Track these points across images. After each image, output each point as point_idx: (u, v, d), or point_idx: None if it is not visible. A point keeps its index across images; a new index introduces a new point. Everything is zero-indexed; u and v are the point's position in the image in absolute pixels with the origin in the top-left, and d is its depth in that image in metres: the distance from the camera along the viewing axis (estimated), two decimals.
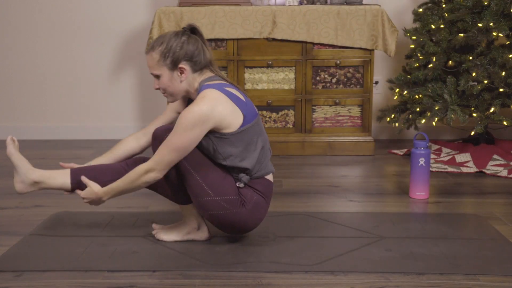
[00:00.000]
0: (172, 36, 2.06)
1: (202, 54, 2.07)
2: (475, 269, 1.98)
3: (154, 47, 2.06)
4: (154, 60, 2.06)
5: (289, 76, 3.68)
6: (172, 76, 2.06)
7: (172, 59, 2.04)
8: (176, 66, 2.05)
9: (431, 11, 3.64)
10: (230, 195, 2.06)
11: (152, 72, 2.08)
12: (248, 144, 2.06)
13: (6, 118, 4.26)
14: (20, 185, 2.21)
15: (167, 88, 2.09)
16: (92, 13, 4.14)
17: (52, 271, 1.99)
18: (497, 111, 3.32)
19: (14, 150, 2.20)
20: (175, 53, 2.04)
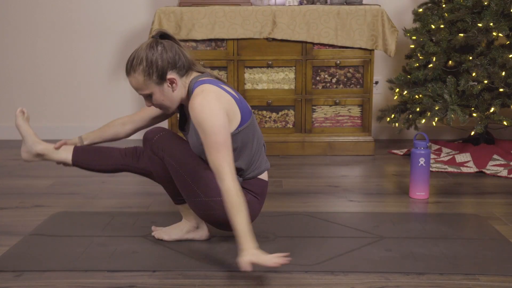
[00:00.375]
0: (148, 50, 1.95)
1: (182, 56, 1.99)
2: (475, 269, 1.98)
3: (134, 68, 1.96)
4: (139, 81, 1.97)
5: (289, 76, 3.68)
6: (163, 89, 1.98)
7: (157, 74, 1.95)
8: (164, 78, 1.96)
9: (431, 11, 3.64)
10: (219, 196, 2.03)
11: (141, 93, 2.01)
12: (243, 145, 2.03)
13: (6, 118, 4.26)
14: (26, 155, 2.26)
15: (163, 103, 2.02)
16: (92, 13, 4.14)
17: (52, 271, 1.99)
18: (497, 111, 3.32)
19: (23, 121, 2.25)
20: (158, 67, 1.94)
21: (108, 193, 2.90)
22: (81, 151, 2.23)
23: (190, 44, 3.65)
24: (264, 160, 2.14)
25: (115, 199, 2.80)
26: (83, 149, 2.24)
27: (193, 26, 3.58)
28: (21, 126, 2.25)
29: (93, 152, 2.23)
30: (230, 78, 3.67)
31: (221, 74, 3.68)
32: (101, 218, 2.51)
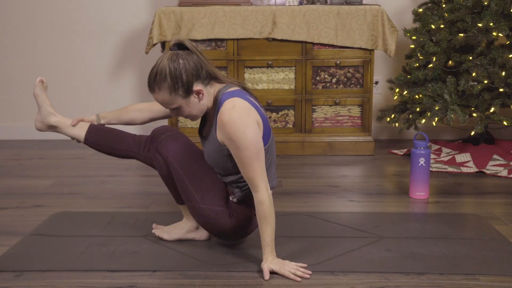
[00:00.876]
0: (170, 64, 1.89)
1: (204, 65, 1.94)
2: (475, 269, 1.98)
3: (158, 85, 1.90)
4: (165, 98, 1.92)
5: (289, 76, 3.68)
6: (190, 101, 1.94)
7: (183, 88, 1.90)
8: (190, 91, 1.92)
9: (431, 11, 3.64)
10: (218, 206, 2.03)
11: (169, 108, 1.97)
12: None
13: (6, 118, 4.26)
14: (39, 124, 2.26)
15: (191, 113, 1.98)
16: (92, 13, 4.14)
17: (52, 271, 1.99)
18: (497, 111, 3.32)
19: (41, 91, 2.24)
20: (183, 81, 1.89)
21: (108, 193, 2.90)
22: (95, 130, 2.22)
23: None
24: (273, 177, 2.10)
25: (115, 199, 2.80)
26: (98, 128, 2.23)
27: (193, 26, 3.58)
28: (39, 95, 2.24)
29: (107, 134, 2.22)
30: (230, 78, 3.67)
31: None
32: (101, 218, 2.51)
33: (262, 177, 1.91)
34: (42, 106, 2.24)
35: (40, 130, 2.28)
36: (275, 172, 2.11)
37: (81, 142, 2.25)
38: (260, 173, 1.90)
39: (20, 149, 3.92)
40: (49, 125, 2.25)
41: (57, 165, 3.46)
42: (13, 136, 4.25)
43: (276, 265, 1.94)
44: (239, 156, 1.89)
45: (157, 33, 3.58)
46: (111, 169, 3.35)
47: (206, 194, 2.03)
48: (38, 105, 2.25)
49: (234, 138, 1.87)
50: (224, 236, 2.12)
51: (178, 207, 2.64)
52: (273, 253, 1.96)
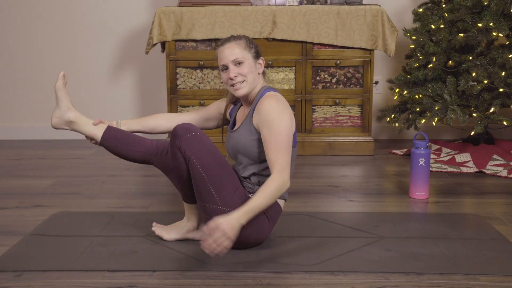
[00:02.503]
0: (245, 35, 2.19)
1: None
2: (475, 269, 1.98)
3: (236, 38, 2.14)
4: (240, 46, 2.12)
5: (289, 76, 3.68)
6: (254, 65, 2.14)
7: (255, 50, 2.15)
8: (258, 57, 2.16)
9: (431, 11, 3.64)
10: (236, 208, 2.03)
11: (235, 58, 2.11)
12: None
13: (6, 118, 4.26)
14: (56, 120, 2.24)
15: (247, 75, 2.12)
16: (92, 13, 4.14)
17: (52, 271, 1.99)
18: (497, 111, 3.32)
19: (62, 85, 2.24)
20: (257, 47, 2.17)
21: (108, 193, 2.90)
22: (113, 132, 2.21)
23: (190, 44, 3.65)
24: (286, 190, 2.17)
25: (115, 199, 2.80)
26: (116, 130, 2.22)
27: (193, 26, 3.58)
28: (60, 89, 2.23)
29: (124, 136, 2.21)
30: None
31: None
32: (101, 218, 2.51)
33: (284, 162, 2.00)
34: (62, 100, 2.22)
35: (56, 127, 2.25)
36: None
37: (97, 143, 2.22)
38: (287, 161, 2.01)
39: (20, 149, 3.92)
40: (68, 121, 2.22)
41: (57, 165, 3.46)
42: (13, 136, 4.25)
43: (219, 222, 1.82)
44: (269, 139, 2.02)
45: (157, 33, 3.58)
46: (111, 169, 3.35)
47: (227, 196, 2.03)
48: (58, 99, 2.23)
49: (271, 120, 2.02)
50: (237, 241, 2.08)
51: (178, 207, 2.64)
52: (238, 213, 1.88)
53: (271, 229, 2.16)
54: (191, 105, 3.68)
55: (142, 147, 2.20)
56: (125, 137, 2.20)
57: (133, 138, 2.21)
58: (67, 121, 2.23)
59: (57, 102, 2.24)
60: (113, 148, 2.21)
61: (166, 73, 3.68)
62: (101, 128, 2.21)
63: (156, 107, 4.20)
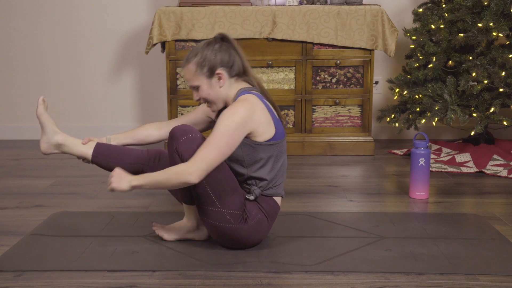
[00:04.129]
0: (205, 46, 2.09)
1: (236, 59, 2.11)
2: (475, 269, 1.98)
3: (189, 59, 2.09)
4: (191, 72, 2.09)
5: (289, 76, 3.68)
6: (211, 83, 2.08)
7: (208, 67, 2.07)
8: (213, 73, 2.07)
9: (431, 11, 3.64)
10: (236, 210, 2.04)
11: (191, 85, 2.10)
12: (272, 157, 2.08)
13: (6, 118, 4.26)
14: (45, 145, 2.25)
15: (208, 96, 2.10)
16: (92, 13, 4.14)
17: (52, 271, 1.99)
18: (497, 111, 3.32)
19: (44, 110, 2.25)
20: (210, 61, 2.07)
21: (108, 193, 2.90)
22: (103, 148, 2.21)
23: (190, 44, 3.65)
24: (283, 186, 2.17)
25: (115, 199, 2.80)
26: (106, 146, 2.23)
27: (193, 26, 3.58)
28: (42, 114, 2.24)
29: (115, 150, 2.21)
30: None
31: None
32: (101, 218, 2.51)
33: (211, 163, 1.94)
34: (47, 125, 2.23)
35: (46, 153, 2.26)
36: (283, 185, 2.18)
37: (89, 162, 2.23)
38: (209, 158, 1.93)
39: (20, 149, 3.92)
40: (56, 144, 2.23)
41: (57, 165, 3.46)
42: (13, 136, 4.25)
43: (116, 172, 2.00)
44: (210, 135, 1.97)
45: (157, 33, 3.58)
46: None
47: (225, 197, 2.03)
48: (42, 125, 2.24)
49: (221, 119, 1.98)
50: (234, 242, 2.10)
51: (177, 207, 2.64)
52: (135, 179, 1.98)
53: (270, 228, 2.16)
54: (191, 105, 3.68)
55: (133, 159, 2.20)
56: (115, 151, 2.21)
57: (123, 151, 2.22)
58: (56, 144, 2.24)
59: (42, 128, 2.24)
60: (104, 164, 2.22)
61: (166, 73, 3.68)
62: (90, 146, 2.22)
63: (156, 107, 4.20)
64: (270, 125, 2.06)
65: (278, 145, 2.09)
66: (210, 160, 1.94)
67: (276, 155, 2.09)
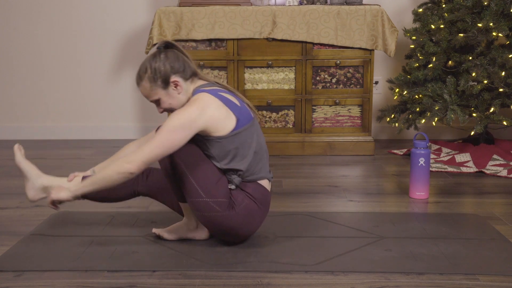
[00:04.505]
0: (151, 59, 2.09)
1: (185, 62, 2.11)
2: (475, 269, 1.98)
3: (141, 77, 2.09)
4: (146, 88, 2.09)
5: (289, 76, 3.68)
6: (169, 93, 2.09)
7: (162, 79, 2.07)
8: (168, 82, 2.08)
9: (431, 11, 3.64)
10: (221, 198, 2.05)
11: (151, 100, 2.12)
12: (241, 147, 2.07)
13: (6, 118, 4.26)
14: (31, 192, 2.25)
15: (171, 106, 2.11)
16: (92, 13, 4.14)
17: (52, 271, 1.99)
18: (497, 111, 3.32)
19: (22, 157, 2.26)
20: (161, 72, 2.07)
21: None
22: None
23: (190, 44, 3.65)
24: (266, 169, 2.16)
25: None
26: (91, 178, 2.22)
27: (193, 26, 3.58)
28: (21, 162, 2.25)
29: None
30: (230, 78, 3.67)
31: (221, 74, 3.68)
32: (101, 218, 2.51)
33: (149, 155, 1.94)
34: (28, 170, 2.24)
35: (34, 199, 2.26)
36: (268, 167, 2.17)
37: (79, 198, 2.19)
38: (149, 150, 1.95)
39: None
40: (42, 187, 2.24)
41: (57, 165, 3.46)
42: (13, 136, 4.25)
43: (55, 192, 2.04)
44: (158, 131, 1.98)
45: (157, 33, 3.58)
46: None
47: (210, 187, 2.04)
48: (24, 171, 2.24)
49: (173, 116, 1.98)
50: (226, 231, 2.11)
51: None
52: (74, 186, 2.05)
53: (263, 215, 2.15)
54: None
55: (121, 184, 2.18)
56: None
57: None
58: (42, 188, 2.24)
59: (24, 175, 2.25)
60: (96, 197, 2.23)
61: None
62: (77, 182, 2.22)
63: (156, 107, 4.19)
64: (228, 117, 2.05)
65: (244, 133, 2.08)
66: (149, 152, 1.95)
67: (244, 142, 2.08)
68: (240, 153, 2.07)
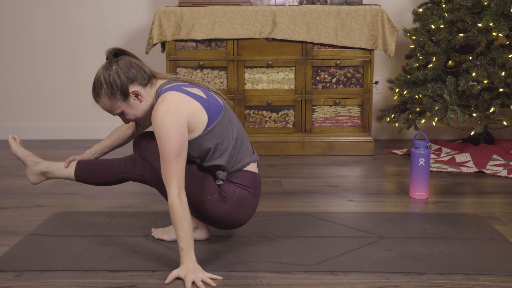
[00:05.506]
0: (104, 73, 1.98)
1: (139, 68, 2.01)
2: (475, 269, 1.98)
3: (98, 94, 2.00)
4: (106, 104, 2.01)
5: (289, 76, 3.68)
6: (130, 104, 2.01)
7: (120, 92, 1.98)
8: (128, 93, 1.99)
9: (431, 11, 3.64)
10: (210, 195, 2.03)
11: (114, 114, 2.05)
12: (218, 141, 2.01)
13: (6, 118, 4.26)
14: (32, 177, 2.28)
15: (136, 116, 2.04)
16: (92, 13, 4.14)
17: (52, 271, 1.99)
18: (497, 111, 3.32)
19: (18, 147, 2.27)
20: (118, 85, 1.97)
21: (108, 193, 2.90)
22: (83, 165, 2.22)
23: (190, 44, 3.65)
24: (249, 152, 2.10)
25: (115, 199, 2.81)
26: (86, 162, 2.23)
27: (193, 26, 3.58)
28: (18, 151, 2.26)
29: (94, 165, 2.21)
30: (230, 78, 3.67)
31: (221, 74, 3.68)
32: (101, 218, 2.51)
33: (176, 178, 1.88)
34: (26, 158, 2.26)
35: (36, 183, 2.30)
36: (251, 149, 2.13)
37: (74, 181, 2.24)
38: (175, 173, 1.88)
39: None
40: (41, 173, 2.26)
41: None
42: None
43: (183, 271, 1.88)
44: (160, 151, 1.90)
45: (157, 33, 3.58)
46: None
47: (195, 188, 2.03)
48: (22, 160, 2.26)
49: (158, 131, 1.90)
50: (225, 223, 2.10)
51: None
52: (189, 257, 1.90)
53: (257, 199, 2.12)
54: None
55: (111, 170, 2.18)
56: (94, 167, 2.20)
57: (102, 164, 2.20)
58: (41, 173, 2.26)
59: (23, 163, 2.27)
60: (88, 181, 2.23)
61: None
62: (72, 167, 2.24)
63: None
64: (201, 113, 1.97)
65: (218, 126, 2.00)
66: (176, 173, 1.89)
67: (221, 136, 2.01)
68: (218, 148, 2.02)
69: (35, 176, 2.27)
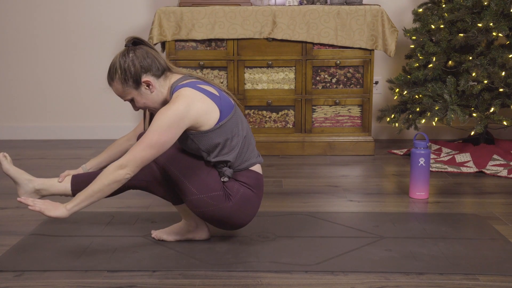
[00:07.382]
0: (120, 58, 2.04)
1: (155, 59, 2.06)
2: (475, 269, 1.98)
3: (112, 78, 2.05)
4: (118, 89, 2.05)
5: (289, 76, 3.68)
6: (141, 93, 2.05)
7: (133, 79, 2.03)
8: (140, 82, 2.03)
9: (431, 11, 3.64)
10: (215, 191, 2.05)
11: (125, 100, 2.09)
12: (228, 137, 2.05)
13: (6, 118, 4.26)
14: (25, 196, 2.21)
15: (146, 105, 2.08)
16: (92, 13, 4.14)
17: (52, 271, 1.99)
18: (497, 111, 3.32)
19: (9, 165, 2.20)
20: (132, 72, 2.02)
21: None
22: (79, 178, 2.18)
23: (190, 44, 3.65)
24: (255, 154, 2.15)
25: (115, 199, 2.81)
26: (82, 175, 2.20)
27: (193, 26, 3.59)
28: (9, 169, 2.20)
29: (91, 178, 2.17)
30: (230, 78, 3.67)
31: (221, 74, 3.68)
32: (101, 218, 2.51)
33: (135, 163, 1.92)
34: (18, 177, 2.20)
35: None
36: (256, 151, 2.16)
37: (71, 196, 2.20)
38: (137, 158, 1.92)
39: (20, 149, 3.92)
40: (35, 191, 2.20)
41: (57, 165, 3.46)
42: (13, 136, 4.25)
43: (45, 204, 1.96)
44: (145, 133, 1.94)
45: (157, 33, 3.58)
46: None
47: (201, 183, 2.04)
48: (14, 178, 2.20)
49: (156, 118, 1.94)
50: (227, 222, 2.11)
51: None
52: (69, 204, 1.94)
53: (259, 199, 2.14)
54: None
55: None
56: (92, 179, 2.17)
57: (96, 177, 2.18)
58: (34, 191, 2.21)
59: (14, 182, 2.21)
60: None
61: None
62: (67, 181, 2.20)
63: None
64: (213, 110, 2.02)
65: (229, 123, 2.05)
66: (141, 156, 1.92)
67: (230, 132, 2.05)
68: (228, 144, 2.05)
69: (28, 195, 2.20)
